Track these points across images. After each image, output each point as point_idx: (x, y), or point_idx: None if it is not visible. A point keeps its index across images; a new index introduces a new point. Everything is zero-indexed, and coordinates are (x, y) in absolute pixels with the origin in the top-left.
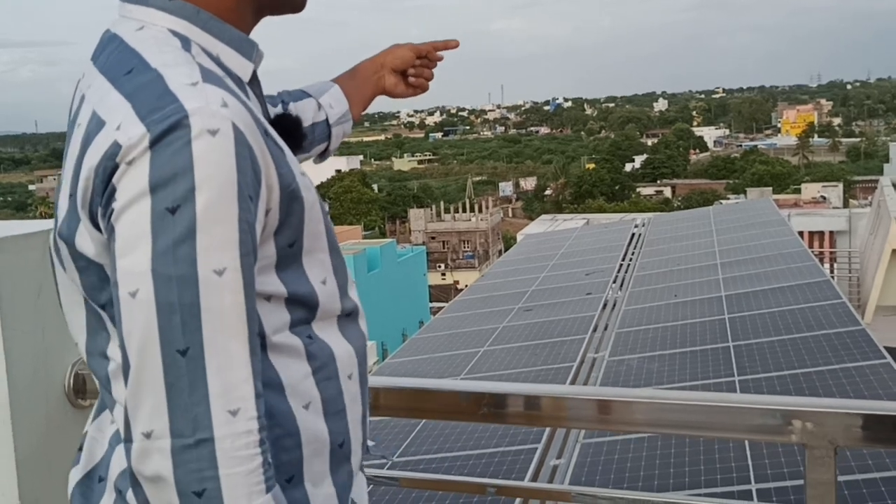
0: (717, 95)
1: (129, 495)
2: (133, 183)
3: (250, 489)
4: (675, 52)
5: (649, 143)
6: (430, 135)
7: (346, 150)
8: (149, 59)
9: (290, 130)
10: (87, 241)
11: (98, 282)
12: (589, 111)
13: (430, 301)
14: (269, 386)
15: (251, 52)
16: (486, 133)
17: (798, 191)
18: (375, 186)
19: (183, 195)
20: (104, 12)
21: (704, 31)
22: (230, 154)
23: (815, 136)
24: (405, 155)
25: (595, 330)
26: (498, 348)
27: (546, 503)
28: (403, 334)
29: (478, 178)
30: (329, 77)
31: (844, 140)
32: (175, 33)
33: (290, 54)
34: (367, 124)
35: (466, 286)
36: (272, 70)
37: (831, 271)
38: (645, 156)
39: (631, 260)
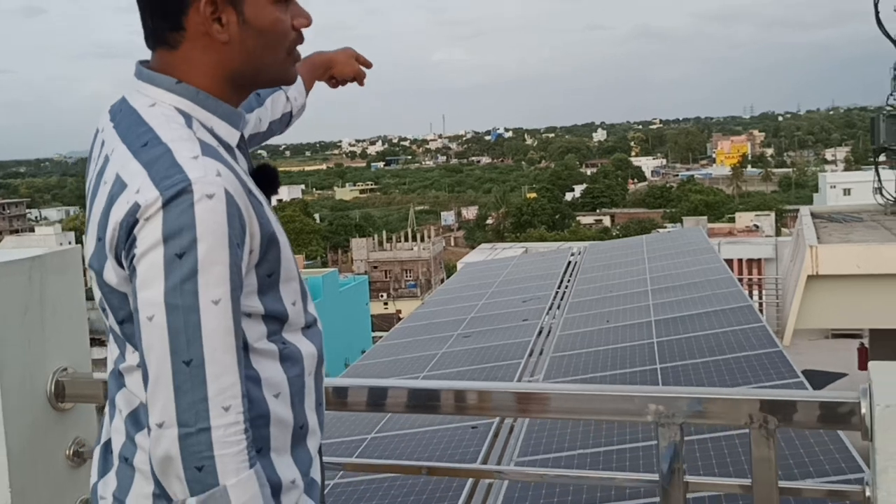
0: (654, 126)
1: (136, 460)
2: (150, 234)
3: (238, 465)
4: (613, 84)
5: (588, 172)
6: (372, 164)
7: (287, 179)
8: (160, 135)
9: (271, 179)
10: (112, 274)
11: (118, 303)
12: (529, 141)
13: (373, 330)
14: (250, 379)
15: (238, 122)
16: (427, 162)
17: (733, 219)
18: (317, 216)
19: (188, 244)
20: (41, 38)
21: (642, 63)
22: (223, 213)
23: (749, 166)
24: (347, 184)
25: (531, 355)
26: (437, 373)
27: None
28: (346, 364)
29: (420, 208)
30: None
31: (776, 170)
32: (180, 111)
33: None
34: (308, 154)
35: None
36: None
37: (760, 298)
38: (584, 185)
39: (566, 287)
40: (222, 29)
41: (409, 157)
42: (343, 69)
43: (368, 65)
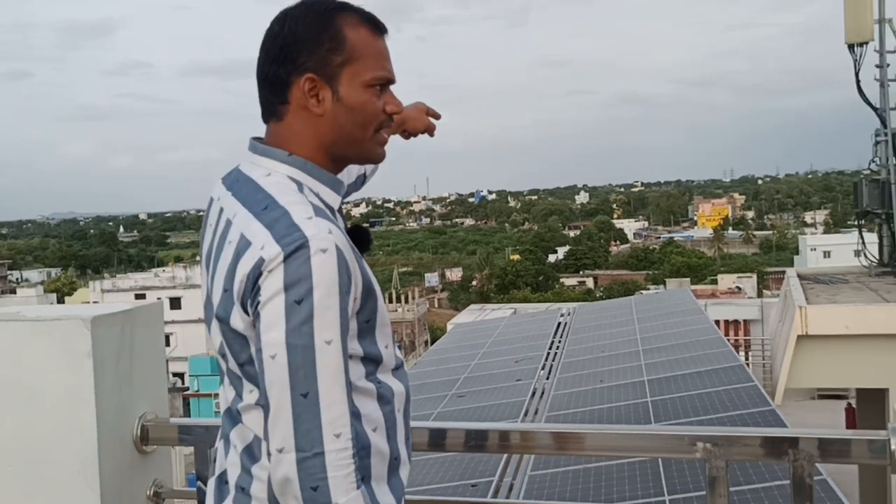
0: (636, 189)
1: (252, 490)
2: (273, 284)
3: (348, 486)
4: (595, 147)
5: (571, 234)
6: None
7: None
8: (278, 199)
9: (364, 237)
10: (238, 320)
11: (240, 347)
12: (512, 203)
13: None
14: (352, 415)
15: (339, 188)
16: (411, 224)
17: (715, 281)
18: None
19: (305, 292)
20: (26, 101)
21: (623, 127)
22: (334, 265)
23: (730, 228)
24: None
25: (526, 414)
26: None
27: None
28: None
29: (404, 269)
30: None
31: (757, 233)
32: (292, 178)
33: (217, 144)
34: None
35: None
36: (199, 160)
37: (746, 358)
38: (567, 247)
39: (558, 348)
40: (318, 104)
41: (393, 218)
42: (415, 124)
43: (438, 116)
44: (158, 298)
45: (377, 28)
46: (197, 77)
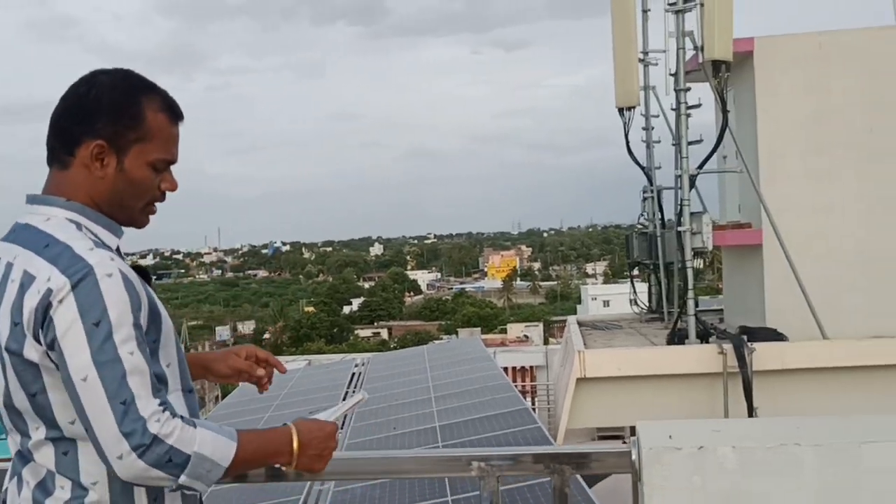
0: (429, 241)
1: None
2: (67, 314)
3: (188, 435)
4: (389, 200)
5: (366, 286)
6: None
7: None
8: (58, 237)
9: (144, 275)
10: (32, 350)
11: (33, 377)
12: (307, 255)
13: None
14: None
15: (116, 231)
16: (202, 276)
17: (504, 330)
18: None
19: (101, 314)
20: None
21: (417, 180)
22: (122, 286)
23: (518, 279)
24: None
25: None
26: (224, 488)
27: None
28: None
29: (193, 323)
30: None
31: (543, 283)
32: (70, 220)
33: None
34: None
35: None
36: None
37: (533, 402)
38: (362, 298)
39: (352, 397)
40: (101, 168)
41: (183, 270)
42: (219, 367)
43: (271, 362)
44: None
45: (175, 115)
46: None
